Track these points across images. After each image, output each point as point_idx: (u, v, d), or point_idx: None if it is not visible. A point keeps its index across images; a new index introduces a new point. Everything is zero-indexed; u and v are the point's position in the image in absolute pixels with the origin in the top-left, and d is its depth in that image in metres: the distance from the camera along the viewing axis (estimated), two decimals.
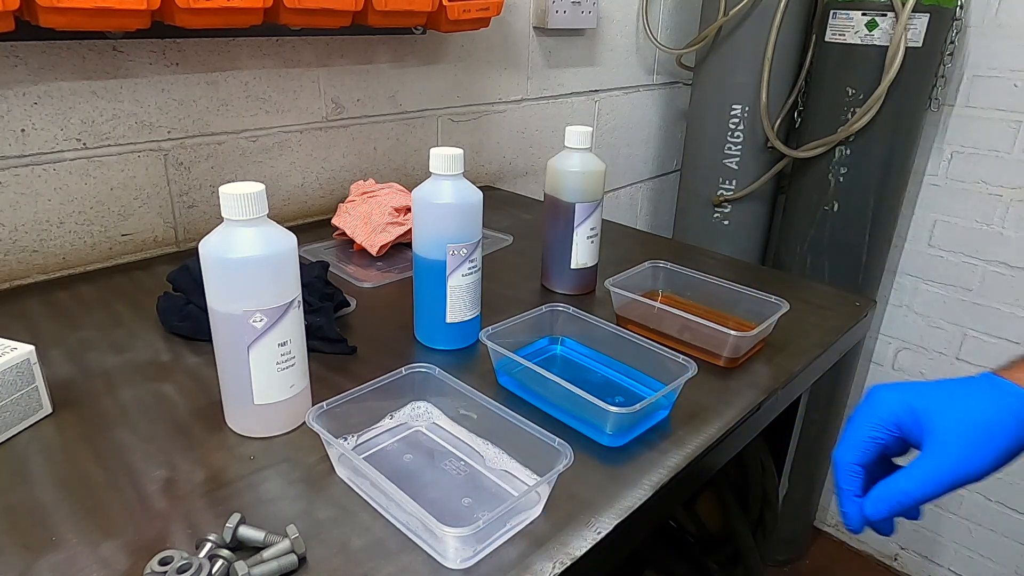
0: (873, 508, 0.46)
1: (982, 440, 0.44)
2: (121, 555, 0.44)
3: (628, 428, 0.58)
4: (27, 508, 0.48)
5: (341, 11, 0.87)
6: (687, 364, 0.61)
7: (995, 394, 0.45)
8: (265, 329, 0.52)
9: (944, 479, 0.44)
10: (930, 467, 0.44)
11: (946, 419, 0.45)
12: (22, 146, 0.79)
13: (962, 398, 0.45)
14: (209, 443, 0.55)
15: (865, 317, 0.84)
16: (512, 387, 0.64)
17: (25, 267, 0.83)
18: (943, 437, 0.44)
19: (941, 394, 0.46)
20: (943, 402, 0.45)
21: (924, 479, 0.44)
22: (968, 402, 0.45)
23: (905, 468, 0.45)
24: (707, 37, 1.44)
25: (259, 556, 0.43)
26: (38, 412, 0.57)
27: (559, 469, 0.47)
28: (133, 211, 0.90)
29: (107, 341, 0.70)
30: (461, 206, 0.67)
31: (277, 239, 0.52)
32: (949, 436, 0.44)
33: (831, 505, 1.99)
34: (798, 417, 0.93)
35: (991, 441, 0.44)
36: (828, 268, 1.50)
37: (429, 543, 0.46)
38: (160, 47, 0.86)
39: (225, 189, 0.50)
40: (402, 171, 1.18)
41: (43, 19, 0.68)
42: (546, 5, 1.28)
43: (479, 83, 1.25)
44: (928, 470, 0.44)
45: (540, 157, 1.43)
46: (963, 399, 0.45)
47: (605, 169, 0.83)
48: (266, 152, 1.00)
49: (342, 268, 0.89)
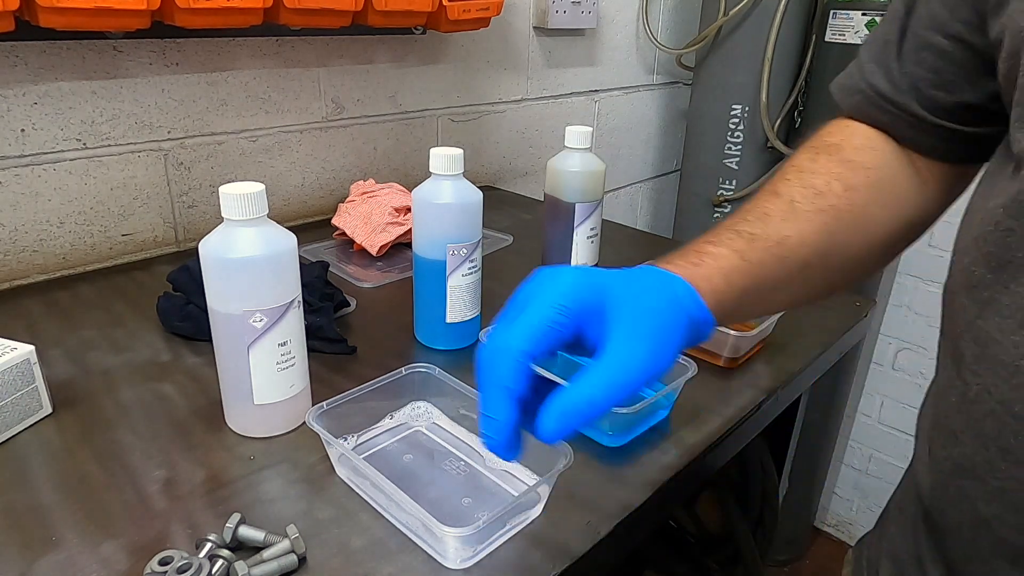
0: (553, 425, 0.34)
1: (665, 336, 0.37)
2: (121, 555, 0.44)
3: (628, 428, 0.58)
4: (27, 508, 0.48)
5: (341, 11, 0.87)
6: (687, 364, 0.61)
7: (666, 287, 0.39)
8: (265, 329, 0.52)
9: (631, 382, 0.35)
10: (617, 368, 0.34)
11: (633, 308, 0.36)
12: (22, 146, 0.79)
13: (640, 289, 0.37)
14: (209, 443, 0.55)
15: (865, 317, 0.84)
16: None
17: (25, 267, 0.83)
18: (630, 332, 0.35)
19: (619, 280, 0.37)
20: (624, 289, 0.37)
21: (612, 383, 0.34)
22: (648, 294, 0.37)
23: (590, 371, 0.34)
24: (707, 37, 1.44)
25: (259, 556, 0.43)
26: (38, 412, 0.57)
27: (559, 469, 0.47)
28: (133, 211, 0.90)
29: (107, 341, 0.70)
30: (461, 206, 0.67)
31: (277, 239, 0.52)
32: (639, 328, 0.36)
33: (831, 505, 1.99)
34: (798, 417, 0.93)
35: (672, 337, 0.37)
36: None
37: (429, 543, 0.46)
38: (160, 47, 0.86)
39: (225, 189, 0.50)
40: (402, 171, 1.18)
41: (43, 19, 0.68)
42: (546, 5, 1.28)
43: (479, 83, 1.25)
44: (616, 371, 0.34)
45: (540, 157, 1.43)
46: (641, 290, 0.37)
47: (605, 169, 0.83)
48: (266, 152, 1.00)
49: (342, 268, 0.89)
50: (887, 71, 0.48)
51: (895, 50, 0.48)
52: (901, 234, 0.51)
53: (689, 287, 0.40)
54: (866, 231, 0.48)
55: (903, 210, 0.50)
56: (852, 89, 0.51)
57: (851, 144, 0.50)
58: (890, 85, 0.48)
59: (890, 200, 0.49)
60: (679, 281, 0.40)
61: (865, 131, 0.50)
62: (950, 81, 0.45)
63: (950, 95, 0.46)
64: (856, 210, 0.47)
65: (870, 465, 1.89)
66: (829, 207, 0.46)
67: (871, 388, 1.83)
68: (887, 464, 1.86)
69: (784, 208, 0.46)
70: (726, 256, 0.42)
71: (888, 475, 1.86)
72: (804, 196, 0.46)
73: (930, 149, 0.49)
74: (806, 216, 0.45)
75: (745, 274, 0.42)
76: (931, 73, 0.46)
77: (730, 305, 0.42)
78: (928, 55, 0.46)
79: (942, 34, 0.45)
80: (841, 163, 0.48)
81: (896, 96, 0.48)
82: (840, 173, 0.47)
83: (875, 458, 1.88)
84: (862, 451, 1.90)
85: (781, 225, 0.45)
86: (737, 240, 0.44)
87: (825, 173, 0.47)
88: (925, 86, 0.46)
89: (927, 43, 0.46)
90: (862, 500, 1.94)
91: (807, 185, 0.47)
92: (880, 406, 1.83)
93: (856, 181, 0.47)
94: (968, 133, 0.47)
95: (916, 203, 0.50)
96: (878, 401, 1.83)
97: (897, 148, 0.50)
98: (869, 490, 1.91)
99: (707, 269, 0.41)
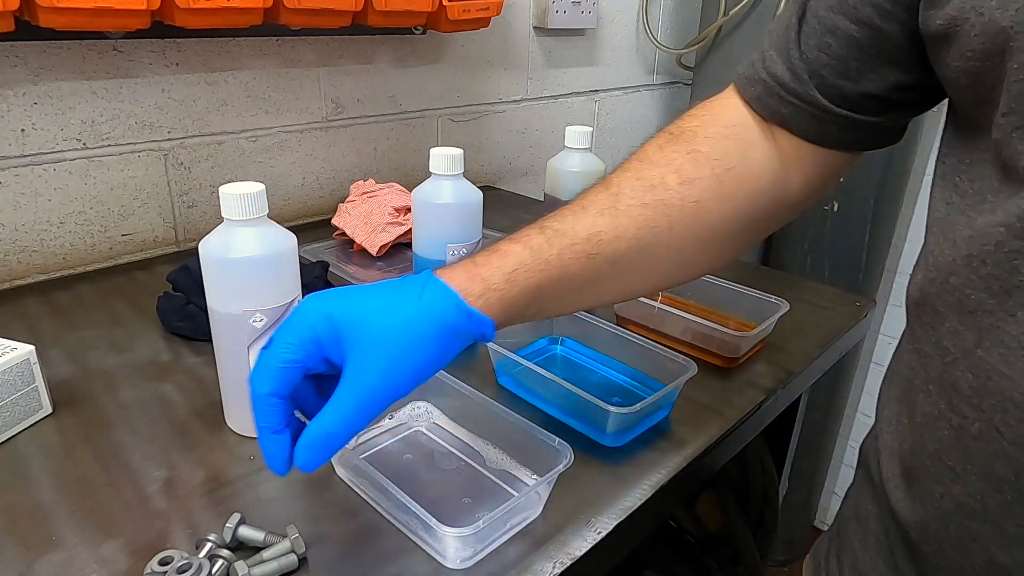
0: (304, 459, 0.38)
1: (401, 354, 0.38)
2: (121, 555, 0.44)
3: (628, 428, 0.58)
4: (27, 508, 0.48)
5: (341, 11, 0.87)
6: (687, 364, 0.61)
7: (409, 302, 0.39)
8: (265, 329, 0.52)
9: (368, 407, 0.38)
10: (350, 397, 0.37)
11: (365, 334, 0.38)
12: (22, 146, 0.79)
13: (375, 310, 0.39)
14: (209, 443, 0.55)
15: (865, 317, 0.84)
16: (512, 387, 0.64)
17: (25, 267, 0.83)
18: (361, 358, 0.38)
19: (368, 301, 0.39)
20: (367, 312, 0.38)
21: (347, 413, 0.37)
22: (382, 315, 0.38)
23: (330, 402, 0.38)
24: (707, 37, 1.44)
25: (259, 556, 0.43)
26: (38, 412, 0.57)
27: (559, 469, 0.47)
28: (133, 211, 0.90)
29: (107, 341, 0.70)
30: (461, 206, 0.67)
31: (277, 239, 0.52)
32: (370, 353, 0.38)
33: (831, 505, 1.99)
34: (798, 417, 0.93)
35: (412, 353, 0.38)
36: (828, 268, 1.50)
37: (429, 543, 0.46)
38: (160, 47, 0.86)
39: (225, 189, 0.50)
40: (402, 171, 1.18)
41: (43, 19, 0.68)
42: (546, 5, 1.28)
43: (479, 83, 1.25)
44: (349, 401, 0.37)
45: (540, 157, 1.43)
46: (376, 311, 0.39)
47: (605, 169, 0.83)
48: (266, 152, 1.00)
49: (342, 268, 0.89)
50: (787, 58, 0.45)
51: (795, 35, 0.44)
52: (752, 225, 0.49)
53: (448, 293, 0.40)
54: (700, 225, 0.46)
55: (754, 201, 0.47)
56: (753, 79, 0.48)
57: (705, 132, 0.48)
58: (791, 74, 0.45)
59: (735, 193, 0.47)
60: (434, 290, 0.40)
61: (728, 117, 0.48)
62: (856, 69, 0.42)
63: (855, 84, 0.43)
64: (687, 205, 0.45)
65: None
66: (656, 201, 0.45)
67: (871, 388, 1.83)
68: None
69: (605, 201, 0.45)
70: (516, 254, 0.42)
71: None
72: (633, 189, 0.45)
73: (831, 140, 0.46)
74: (627, 211, 0.44)
75: (536, 271, 0.42)
76: (835, 60, 0.43)
77: (519, 303, 0.42)
78: (832, 40, 0.42)
79: (850, 18, 0.41)
80: (687, 154, 0.46)
81: (798, 86, 0.44)
82: (680, 165, 0.46)
83: None
84: None
85: (594, 220, 0.44)
86: (536, 237, 0.43)
87: (665, 165, 0.46)
88: (828, 73, 0.43)
89: (832, 27, 0.42)
90: None
91: (641, 177, 0.46)
92: None
93: (696, 174, 0.46)
94: (869, 122, 0.44)
95: (773, 194, 0.48)
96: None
97: (760, 136, 0.47)
98: None
99: (487, 270, 0.41)
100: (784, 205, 0.49)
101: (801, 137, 0.47)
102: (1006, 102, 0.33)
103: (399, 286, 0.40)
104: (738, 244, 0.50)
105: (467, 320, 0.40)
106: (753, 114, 0.48)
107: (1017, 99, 0.32)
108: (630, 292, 0.50)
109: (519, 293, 0.42)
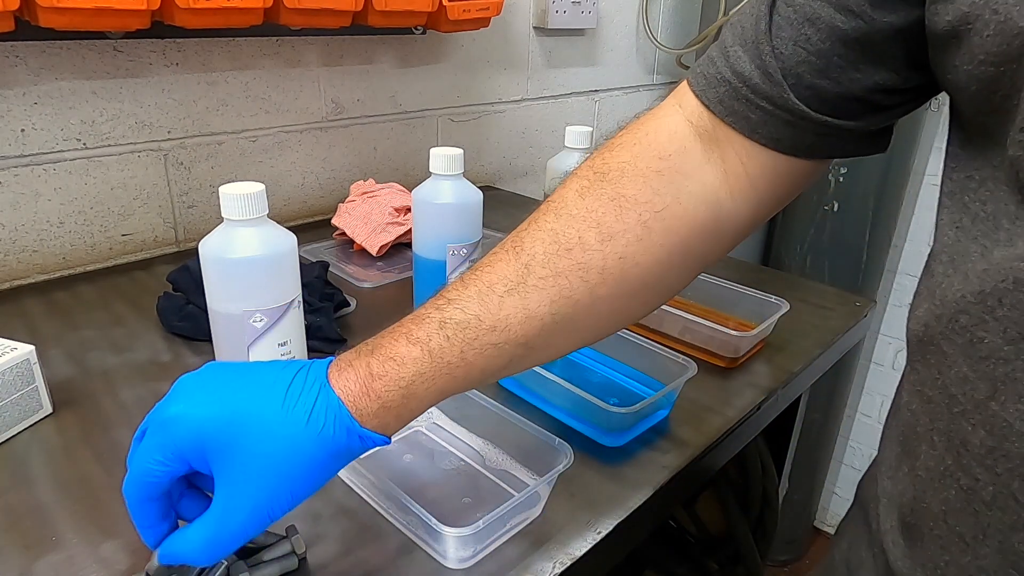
0: (164, 558, 0.37)
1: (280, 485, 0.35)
2: (121, 555, 0.44)
3: (628, 428, 0.58)
4: (27, 508, 0.48)
5: (341, 11, 0.87)
6: (687, 364, 0.61)
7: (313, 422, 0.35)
8: (265, 329, 0.52)
9: (233, 538, 0.36)
10: (216, 526, 0.35)
11: (240, 456, 0.35)
12: (22, 146, 0.79)
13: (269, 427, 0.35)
14: None
15: (865, 317, 0.84)
16: (512, 387, 0.64)
17: (25, 267, 0.83)
18: (231, 486, 0.35)
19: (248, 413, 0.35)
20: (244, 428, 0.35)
21: (208, 533, 0.36)
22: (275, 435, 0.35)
23: (196, 521, 0.36)
24: (707, 37, 1.44)
25: (259, 556, 0.43)
26: (38, 412, 0.57)
27: (559, 469, 0.47)
28: (133, 211, 0.90)
29: (107, 341, 0.70)
30: (461, 206, 0.67)
31: (277, 239, 0.52)
32: (240, 485, 0.35)
33: (831, 505, 1.99)
34: (798, 417, 0.93)
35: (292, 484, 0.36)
36: (828, 268, 1.50)
37: (429, 543, 0.46)
38: (160, 47, 0.86)
39: (225, 189, 0.50)
40: (402, 171, 1.18)
41: (43, 19, 0.68)
42: (546, 5, 1.28)
43: (479, 83, 1.25)
44: (213, 530, 0.35)
45: (540, 157, 1.43)
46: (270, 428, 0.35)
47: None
48: (266, 152, 1.00)
49: (342, 268, 0.89)
50: (756, 55, 0.38)
51: (766, 26, 0.38)
52: (689, 264, 0.44)
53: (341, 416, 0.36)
54: (627, 281, 0.41)
55: (689, 240, 0.42)
56: (714, 79, 0.41)
57: (634, 169, 0.41)
58: (760, 72, 0.38)
59: (666, 239, 0.41)
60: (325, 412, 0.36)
61: (662, 146, 0.42)
62: (837, 67, 0.36)
63: (835, 85, 0.37)
64: (611, 264, 0.40)
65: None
66: (573, 267, 0.40)
67: (871, 388, 1.83)
68: None
69: (514, 275, 0.40)
70: (414, 361, 0.37)
71: None
72: (547, 255, 0.40)
73: (804, 149, 0.40)
74: (538, 285, 0.39)
75: (437, 378, 0.38)
76: (814, 55, 0.37)
77: (418, 410, 0.39)
78: (811, 32, 0.36)
79: (834, 5, 0.36)
80: (610, 201, 0.41)
81: (769, 88, 0.38)
82: (601, 217, 0.40)
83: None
84: (862, 451, 1.90)
85: (503, 301, 0.39)
86: (436, 336, 0.38)
87: (583, 219, 0.40)
88: (806, 71, 0.37)
89: (811, 15, 0.36)
90: None
91: (556, 239, 0.40)
92: (880, 406, 1.83)
93: (620, 226, 0.40)
94: (847, 128, 0.39)
95: (714, 227, 0.43)
96: (878, 401, 1.83)
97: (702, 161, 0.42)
98: None
99: (382, 384, 0.37)
100: (728, 234, 0.44)
101: (771, 147, 0.40)
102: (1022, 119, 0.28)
103: (289, 394, 0.36)
104: (675, 285, 0.45)
105: (359, 443, 0.37)
106: (696, 132, 0.42)
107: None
108: (545, 362, 0.44)
109: (417, 404, 0.39)
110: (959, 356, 0.32)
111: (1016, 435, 0.29)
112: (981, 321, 0.30)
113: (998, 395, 0.30)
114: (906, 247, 1.65)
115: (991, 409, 0.30)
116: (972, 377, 0.31)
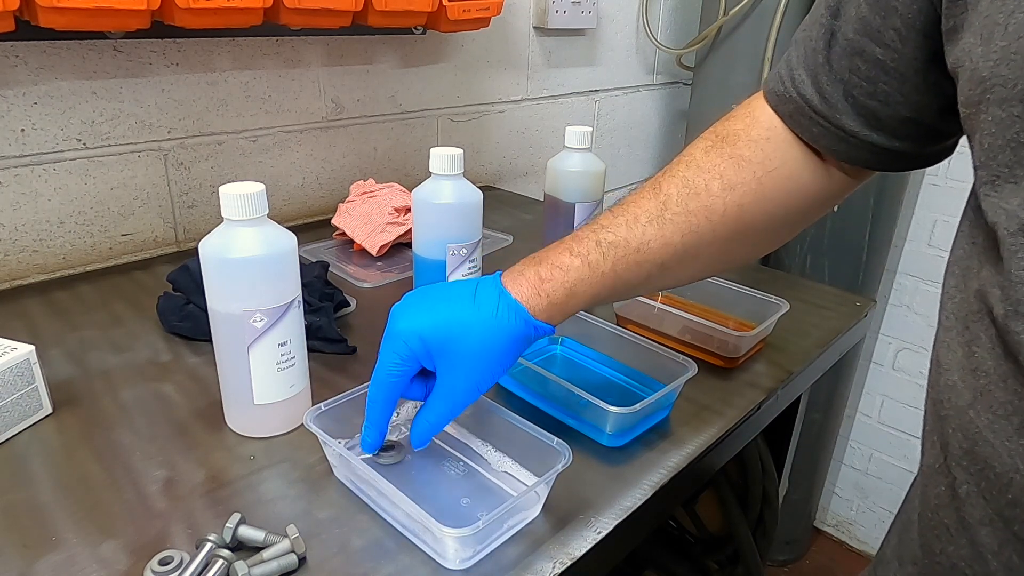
0: (416, 442, 0.49)
1: (483, 364, 0.47)
2: (121, 555, 0.44)
3: (628, 428, 0.58)
4: (27, 508, 0.48)
5: (341, 11, 0.87)
6: (687, 364, 0.61)
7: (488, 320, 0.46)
8: (265, 329, 0.52)
9: (458, 406, 0.48)
10: (446, 400, 0.48)
11: (452, 352, 0.47)
12: (22, 146, 0.79)
13: (469, 327, 0.46)
14: (209, 443, 0.55)
15: (865, 317, 0.84)
16: (512, 387, 0.64)
17: (25, 267, 0.83)
18: (450, 372, 0.47)
19: (452, 319, 0.47)
20: (451, 331, 0.46)
21: (444, 412, 0.48)
22: (475, 332, 0.46)
23: (428, 401, 0.49)
24: (707, 37, 1.44)
25: (259, 556, 0.43)
26: (38, 412, 0.57)
27: (558, 469, 0.47)
28: (133, 211, 0.90)
29: (107, 341, 0.70)
30: (461, 206, 0.67)
31: (277, 239, 0.52)
32: (456, 371, 0.47)
33: (831, 505, 1.99)
34: (798, 417, 0.93)
35: (490, 363, 0.47)
36: (828, 268, 1.50)
37: (428, 543, 0.46)
38: (160, 47, 0.86)
39: (225, 189, 0.50)
40: (402, 171, 1.18)
41: (43, 19, 0.68)
42: (546, 5, 1.28)
43: (479, 83, 1.25)
44: (445, 403, 0.48)
45: (540, 157, 1.43)
46: (470, 328, 0.46)
47: (605, 169, 0.83)
48: (266, 152, 1.00)
49: (342, 268, 0.89)
50: (816, 82, 0.46)
51: (824, 59, 0.45)
52: (791, 219, 0.52)
53: (519, 311, 0.47)
54: (741, 225, 0.49)
55: (793, 198, 0.50)
56: (784, 97, 0.48)
57: (748, 136, 0.50)
58: (819, 97, 0.45)
59: (776, 193, 0.49)
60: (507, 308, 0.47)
61: (768, 119, 0.50)
62: (885, 92, 0.43)
63: (887, 107, 0.43)
64: (730, 209, 0.48)
65: (870, 465, 1.89)
66: (700, 207, 0.48)
67: (871, 388, 1.83)
68: (887, 464, 1.86)
69: (654, 210, 0.49)
70: (576, 269, 0.48)
71: (888, 475, 1.86)
72: (680, 196, 0.49)
73: (862, 161, 0.48)
74: (673, 219, 0.48)
75: (593, 283, 0.48)
76: (865, 81, 0.43)
77: (575, 308, 0.49)
78: (861, 63, 0.43)
79: (875, 41, 0.42)
80: (730, 158, 0.49)
81: (826, 110, 0.45)
82: (723, 170, 0.49)
83: (875, 458, 1.88)
84: (862, 451, 1.90)
85: (645, 229, 0.48)
86: (594, 252, 0.48)
87: (709, 170, 0.49)
88: (860, 94, 0.44)
89: (859, 49, 0.43)
90: (862, 500, 1.94)
91: (688, 184, 0.49)
92: (880, 406, 1.83)
93: (738, 179, 0.48)
94: (897, 149, 0.45)
95: (812, 189, 0.50)
96: (878, 401, 1.83)
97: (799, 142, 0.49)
98: (869, 490, 1.91)
99: (551, 285, 0.47)
100: (821, 199, 0.52)
101: (832, 156, 0.48)
102: (977, 155, 0.33)
103: (477, 300, 0.47)
104: (777, 238, 0.54)
105: (534, 331, 0.47)
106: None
107: (986, 154, 0.32)
108: (674, 285, 0.56)
109: (577, 303, 0.48)
110: (954, 364, 0.36)
111: (984, 442, 0.33)
112: (976, 338, 0.34)
113: (976, 403, 0.33)
114: (906, 247, 1.65)
115: (968, 415, 0.34)
116: (959, 383, 0.35)
